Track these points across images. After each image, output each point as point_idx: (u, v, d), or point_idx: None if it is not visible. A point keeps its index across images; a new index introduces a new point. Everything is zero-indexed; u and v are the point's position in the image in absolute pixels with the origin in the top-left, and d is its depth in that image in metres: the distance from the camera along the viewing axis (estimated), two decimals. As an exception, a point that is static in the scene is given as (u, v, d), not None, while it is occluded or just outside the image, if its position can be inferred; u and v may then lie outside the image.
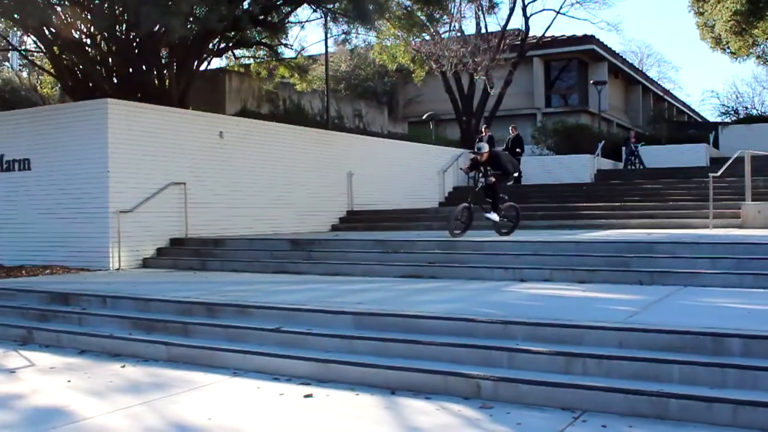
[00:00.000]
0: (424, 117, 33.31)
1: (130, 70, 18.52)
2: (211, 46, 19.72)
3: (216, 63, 24.50)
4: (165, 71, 19.01)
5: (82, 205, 14.18)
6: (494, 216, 13.65)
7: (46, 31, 17.84)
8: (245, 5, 17.62)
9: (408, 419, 5.63)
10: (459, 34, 31.12)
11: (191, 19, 16.22)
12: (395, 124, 34.66)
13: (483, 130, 26.28)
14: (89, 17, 17.26)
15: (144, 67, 18.64)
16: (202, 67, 20.81)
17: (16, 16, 17.58)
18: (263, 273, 12.57)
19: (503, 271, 10.78)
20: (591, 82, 37.74)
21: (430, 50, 29.06)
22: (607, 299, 8.48)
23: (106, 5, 16.43)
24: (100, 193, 13.97)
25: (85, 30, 18.69)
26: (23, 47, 26.93)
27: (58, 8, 16.67)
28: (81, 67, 18.88)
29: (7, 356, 8.60)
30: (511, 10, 31.55)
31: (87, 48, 18.89)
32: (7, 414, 6.14)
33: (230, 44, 20.85)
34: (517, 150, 25.14)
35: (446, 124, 36.51)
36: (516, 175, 12.85)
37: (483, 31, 31.76)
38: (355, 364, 6.74)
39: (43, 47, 19.85)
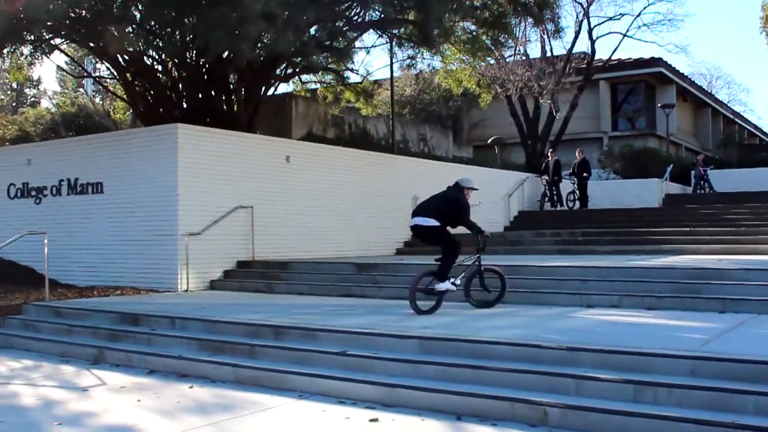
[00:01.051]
0: (489, 141, 33.26)
1: (200, 95, 18.91)
2: (278, 71, 20.00)
3: (283, 88, 24.78)
4: (233, 96, 19.35)
5: (153, 228, 14.45)
6: (442, 286, 9.97)
7: (120, 59, 18.33)
8: (312, 31, 17.84)
9: (474, 446, 5.59)
10: (524, 57, 31.07)
11: (259, 44, 16.47)
12: (460, 148, 34.65)
13: (549, 154, 26.10)
14: (161, 44, 17.67)
15: (213, 92, 19.01)
16: (270, 92, 21.14)
17: (91, 44, 18.12)
18: (329, 296, 12.63)
19: (570, 297, 10.66)
20: (659, 105, 37.20)
21: (495, 74, 29.02)
22: (678, 326, 8.31)
23: (176, 32, 16.82)
24: (169, 215, 14.23)
25: (156, 57, 19.14)
26: (97, 74, 27.73)
27: (132, 36, 17.10)
28: (152, 92, 19.34)
29: (80, 375, 8.80)
30: (577, 33, 31.40)
31: (158, 74, 19.34)
32: (80, 431, 6.28)
33: (297, 69, 21.12)
34: (584, 174, 24.89)
35: (511, 148, 36.37)
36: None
37: (548, 54, 31.63)
38: (421, 389, 6.72)
39: (116, 74, 20.41)
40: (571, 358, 6.77)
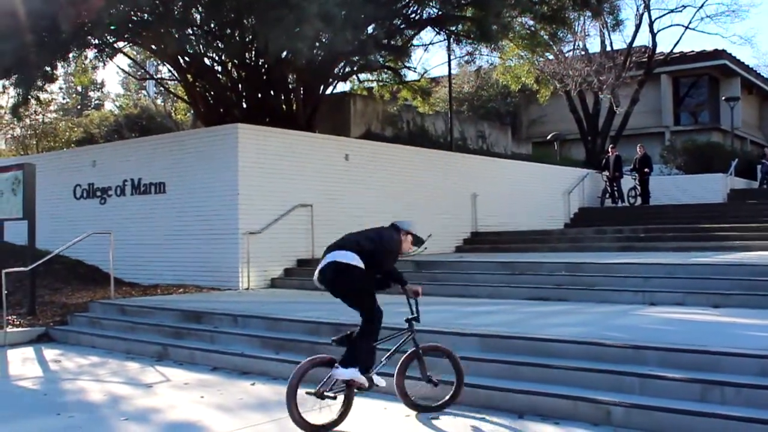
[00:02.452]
0: (548, 137, 32.97)
1: (259, 95, 19.09)
2: (336, 70, 20.07)
3: (341, 87, 24.90)
4: (292, 96, 19.49)
5: (214, 227, 14.64)
6: (346, 373, 6.25)
7: (181, 60, 18.60)
8: (370, 30, 17.88)
9: (537, 444, 5.54)
10: (583, 52, 30.71)
11: (317, 44, 16.56)
12: (519, 144, 34.39)
13: (609, 150, 25.77)
14: (220, 45, 17.88)
15: (272, 92, 19.18)
16: (328, 91, 21.24)
17: (153, 46, 18.42)
18: (388, 294, 12.60)
19: (633, 295, 10.50)
20: (723, 98, 36.42)
21: (554, 69, 28.74)
22: (745, 324, 8.14)
23: (236, 33, 17.00)
24: (230, 214, 14.40)
25: (216, 58, 19.37)
26: (159, 76, 28.18)
27: (192, 38, 17.33)
28: (213, 93, 19.59)
29: (145, 372, 8.95)
30: (637, 26, 30.95)
31: (218, 75, 19.58)
32: (146, 427, 6.39)
33: (355, 68, 21.17)
34: (646, 170, 24.50)
35: (571, 144, 36.00)
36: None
37: (608, 48, 31.23)
38: (483, 387, 6.70)
39: (177, 75, 20.72)
40: (635, 357, 6.67)
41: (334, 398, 6.14)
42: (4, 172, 13.61)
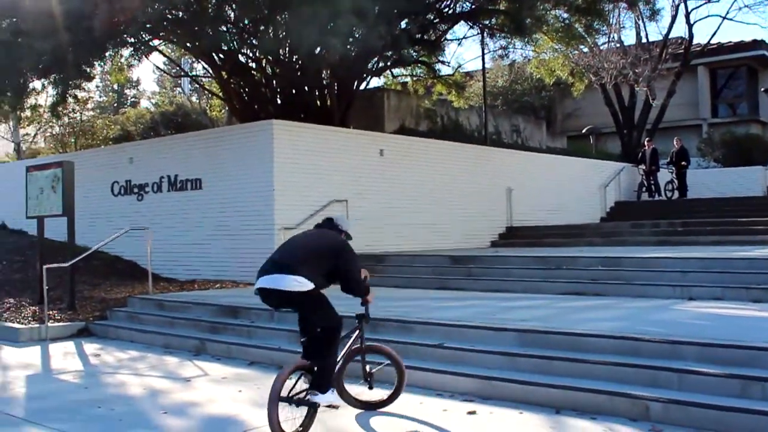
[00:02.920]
0: (583, 131, 32.70)
1: (293, 91, 19.16)
2: (370, 65, 20.08)
3: (375, 82, 24.88)
4: (326, 91, 19.52)
5: (250, 222, 14.73)
6: (322, 397, 5.88)
7: (215, 57, 18.72)
8: (403, 24, 17.87)
9: (574, 439, 5.53)
10: (618, 45, 30.39)
11: (351, 39, 16.58)
12: (554, 138, 34.20)
13: (646, 143, 25.54)
14: (254, 42, 17.96)
15: (306, 88, 19.22)
16: (362, 87, 21.24)
17: (188, 44, 18.55)
18: (424, 289, 12.64)
19: (670, 289, 10.40)
20: (762, 89, 35.88)
21: (589, 62, 28.49)
22: (786, 319, 8.04)
23: (269, 30, 17.06)
24: (266, 210, 14.49)
25: (250, 54, 19.47)
26: (194, 73, 28.37)
27: (227, 35, 17.44)
28: (247, 89, 19.70)
29: (183, 366, 9.05)
30: (674, 18, 30.52)
31: (252, 72, 19.68)
32: (185, 420, 6.47)
33: (389, 63, 21.17)
34: (683, 163, 24.25)
35: (606, 137, 35.69)
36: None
37: (644, 40, 30.88)
38: (519, 382, 6.69)
39: (212, 72, 20.85)
40: (673, 352, 6.62)
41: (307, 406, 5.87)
42: (44, 169, 13.81)
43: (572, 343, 7.19)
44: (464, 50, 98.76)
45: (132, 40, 17.61)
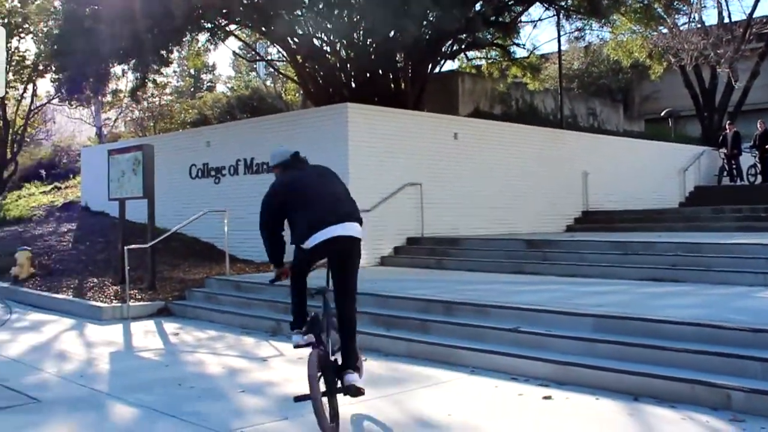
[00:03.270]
0: (662, 114, 31.99)
1: (368, 74, 19.19)
2: (444, 48, 20.00)
3: (449, 65, 24.83)
4: (400, 75, 19.52)
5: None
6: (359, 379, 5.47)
7: (290, 41, 18.86)
8: (477, 6, 17.72)
9: (653, 428, 5.44)
10: (699, 25, 29.60)
11: (425, 22, 16.53)
12: (631, 122, 33.58)
13: (727, 126, 24.88)
14: (329, 26, 18.03)
15: (380, 71, 19.25)
16: (436, 70, 21.18)
17: (263, 28, 18.73)
18: (499, 273, 12.57)
19: (753, 276, 10.12)
20: None
21: (668, 44, 27.80)
22: None
23: (344, 13, 17.11)
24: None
25: (325, 38, 19.57)
26: (269, 57, 28.65)
27: (301, 19, 17.54)
28: (321, 73, 19.81)
29: (259, 346, 9.19)
30: (759, -4, 29.62)
31: (327, 55, 19.77)
32: (262, 399, 6.57)
33: (463, 46, 21.06)
34: (766, 147, 23.55)
35: (686, 120, 34.86)
36: None
37: (726, 20, 30.02)
38: (596, 368, 6.61)
39: (287, 56, 21.03)
40: (755, 340, 6.44)
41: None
42: (124, 153, 14.14)
43: (650, 330, 7.07)
44: (539, 32, 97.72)
45: (209, 25, 17.89)
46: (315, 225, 5.40)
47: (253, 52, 28.54)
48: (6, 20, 24.94)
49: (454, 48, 20.83)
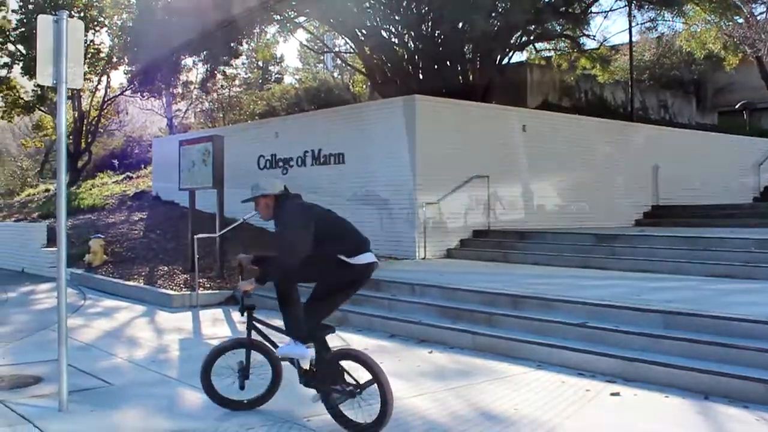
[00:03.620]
0: (736, 106, 31.25)
1: (435, 66, 19.15)
2: (512, 40, 19.84)
3: (517, 57, 24.57)
4: (468, 67, 19.42)
5: (391, 197, 14.86)
6: (294, 349, 5.87)
7: (358, 33, 18.92)
8: (547, -3, 17.55)
9: (725, 428, 5.34)
10: (777, 15, 28.82)
11: (493, 13, 16.42)
12: (704, 114, 32.89)
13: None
14: (397, 18, 18.04)
15: (448, 63, 19.18)
16: (504, 61, 21.02)
17: (331, 20, 18.83)
18: (566, 267, 12.44)
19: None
20: None
21: (744, 34, 27.13)
22: None
23: (412, 5, 17.11)
24: (408, 185, 14.56)
25: (393, 30, 19.59)
26: (337, 49, 28.78)
27: (370, 11, 17.59)
28: (389, 65, 19.83)
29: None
30: (840, -15, 28.67)
31: (395, 47, 19.78)
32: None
33: (531, 37, 20.86)
34: None
35: (761, 113, 33.95)
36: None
37: (806, 10, 29.15)
38: (664, 365, 6.51)
39: (354, 48, 21.10)
40: (834, 340, 6.28)
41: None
42: (195, 143, 14.35)
43: (722, 327, 6.93)
44: (610, 23, 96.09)
45: (278, 17, 18.03)
46: (361, 246, 5.76)
47: (322, 44, 28.73)
48: (83, 14, 25.51)
49: (523, 39, 20.65)
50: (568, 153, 17.12)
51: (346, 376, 5.48)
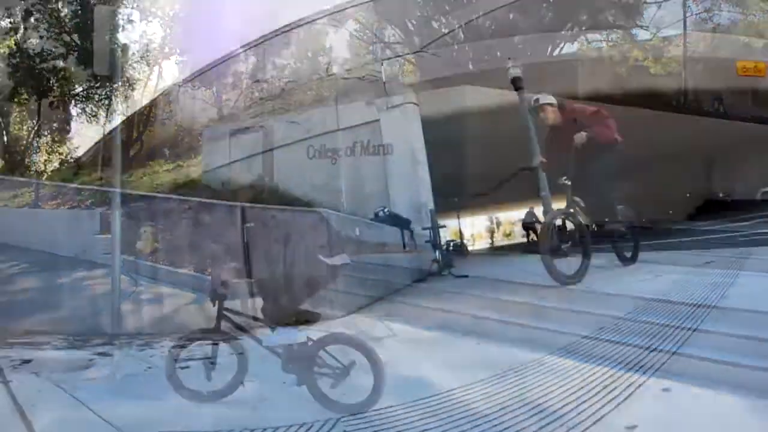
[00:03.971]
0: (793, 99, 30.57)
1: (485, 57, 18.97)
2: (563, 30, 19.61)
3: (567, 48, 24.30)
4: (518, 57, 19.22)
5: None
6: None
7: (408, 23, 18.81)
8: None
9: None
10: None
11: (544, 4, 16.25)
12: (761, 107, 32.20)
13: None
14: (447, 8, 17.91)
15: (498, 54, 18.98)
16: (555, 52, 20.80)
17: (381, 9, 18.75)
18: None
19: None
20: None
21: (803, 25, 26.48)
22: None
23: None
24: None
25: (443, 20, 19.42)
26: (386, 40, 28.62)
27: (420, 1, 17.51)
28: (439, 56, 19.66)
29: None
30: None
31: (445, 37, 19.61)
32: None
33: (583, 28, 20.57)
34: None
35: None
36: None
37: None
38: None
39: (404, 38, 20.96)
40: None
41: None
42: (245, 133, 14.35)
43: None
44: (664, 14, 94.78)
45: (328, 7, 17.97)
46: None
47: (371, 34, 28.61)
48: (136, 4, 25.70)
49: (574, 30, 20.38)
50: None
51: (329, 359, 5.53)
